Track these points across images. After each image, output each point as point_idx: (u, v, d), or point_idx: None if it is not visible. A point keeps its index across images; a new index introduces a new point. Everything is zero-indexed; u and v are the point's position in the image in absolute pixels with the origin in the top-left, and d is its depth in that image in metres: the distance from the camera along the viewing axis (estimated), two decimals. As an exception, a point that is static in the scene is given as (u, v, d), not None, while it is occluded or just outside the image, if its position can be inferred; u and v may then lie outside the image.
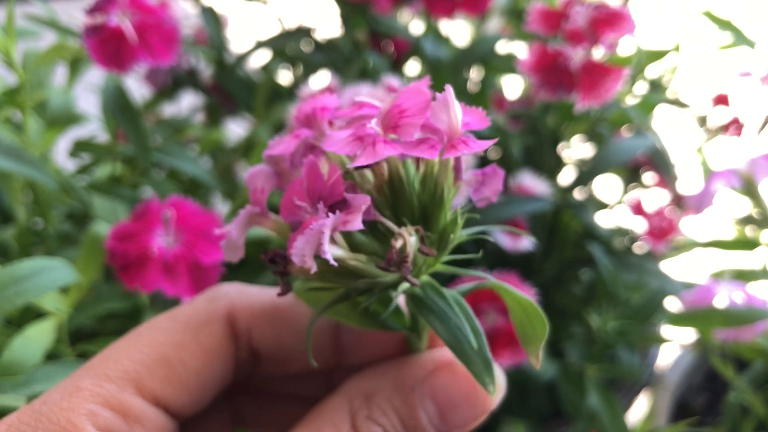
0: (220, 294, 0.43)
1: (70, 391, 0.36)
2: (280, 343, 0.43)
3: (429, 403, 0.39)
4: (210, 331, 0.41)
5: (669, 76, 0.95)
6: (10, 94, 0.66)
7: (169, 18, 0.68)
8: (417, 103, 0.33)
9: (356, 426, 0.38)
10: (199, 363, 0.40)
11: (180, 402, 0.39)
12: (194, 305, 0.43)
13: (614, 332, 0.77)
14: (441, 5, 0.84)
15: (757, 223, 0.85)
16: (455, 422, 0.40)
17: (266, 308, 0.43)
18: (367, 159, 0.31)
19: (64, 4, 0.91)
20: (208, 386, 0.41)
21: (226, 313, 0.42)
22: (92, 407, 0.36)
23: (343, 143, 0.33)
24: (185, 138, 0.98)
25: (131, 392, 0.37)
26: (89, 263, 0.62)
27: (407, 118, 0.33)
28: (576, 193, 0.90)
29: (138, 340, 0.40)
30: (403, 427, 0.39)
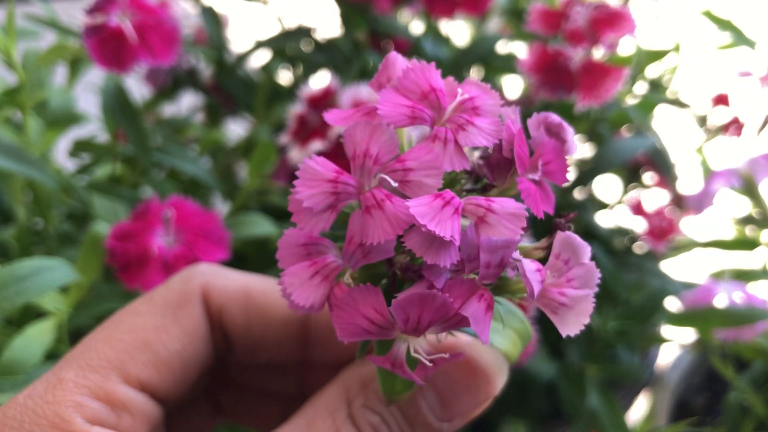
0: (196, 274, 0.43)
1: (54, 383, 0.36)
2: (250, 330, 0.43)
3: (429, 390, 0.38)
4: (188, 312, 0.41)
5: (669, 76, 0.95)
6: (10, 94, 0.66)
7: (169, 18, 0.68)
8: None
9: (352, 415, 0.37)
10: (180, 344, 0.40)
11: (165, 385, 0.39)
12: (169, 286, 0.42)
13: (614, 332, 0.77)
14: (441, 5, 0.84)
15: (757, 223, 0.85)
16: (458, 409, 0.39)
17: (239, 292, 0.43)
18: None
19: (64, 4, 0.91)
20: (191, 367, 0.41)
21: (201, 293, 0.42)
22: (79, 399, 0.35)
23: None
24: (185, 138, 0.98)
25: (116, 380, 0.37)
26: (89, 263, 0.62)
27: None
28: (576, 193, 0.90)
29: (118, 327, 0.40)
30: (402, 415, 0.38)
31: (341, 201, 0.32)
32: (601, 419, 0.75)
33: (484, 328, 0.31)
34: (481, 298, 0.31)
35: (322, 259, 0.33)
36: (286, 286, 0.33)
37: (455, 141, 0.32)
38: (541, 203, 0.33)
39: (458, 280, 0.31)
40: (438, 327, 0.31)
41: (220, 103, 0.99)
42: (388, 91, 0.33)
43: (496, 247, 0.30)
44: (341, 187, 0.31)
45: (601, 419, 0.75)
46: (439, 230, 0.29)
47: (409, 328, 0.31)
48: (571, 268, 0.32)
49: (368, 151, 0.31)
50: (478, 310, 0.30)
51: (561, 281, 0.32)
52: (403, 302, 0.30)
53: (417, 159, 0.31)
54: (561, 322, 0.31)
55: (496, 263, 0.30)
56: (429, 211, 0.29)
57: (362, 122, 0.32)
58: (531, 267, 0.31)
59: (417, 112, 0.33)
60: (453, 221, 0.30)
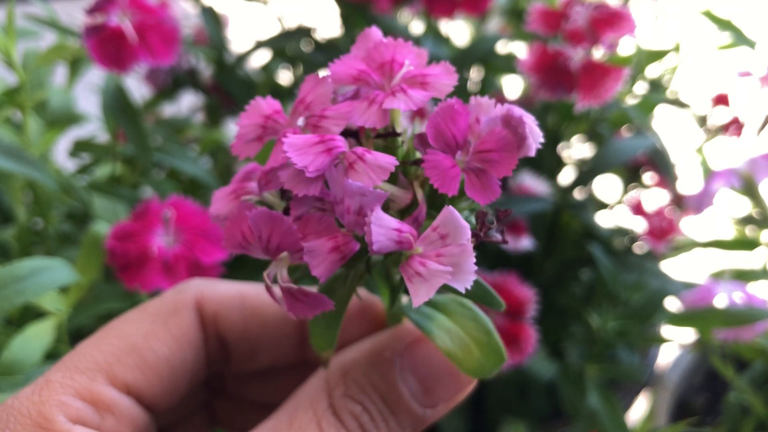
0: (189, 286, 0.44)
1: (41, 385, 0.37)
2: (247, 331, 0.43)
3: (410, 376, 0.37)
4: (178, 320, 0.41)
5: (669, 76, 0.95)
6: (10, 94, 0.66)
7: (169, 18, 0.68)
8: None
9: (333, 404, 0.36)
10: (168, 350, 0.40)
11: (152, 390, 0.39)
12: (163, 297, 0.43)
13: (614, 332, 0.77)
14: (441, 5, 0.84)
15: (757, 223, 0.85)
16: (440, 395, 0.38)
17: (233, 296, 0.43)
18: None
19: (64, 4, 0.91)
20: (180, 375, 0.41)
21: (195, 302, 0.42)
22: (63, 398, 0.36)
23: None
24: (185, 138, 0.98)
25: (102, 382, 0.37)
26: (89, 263, 0.62)
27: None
28: (576, 193, 0.90)
29: (108, 333, 0.40)
30: (384, 403, 0.37)
31: (267, 135, 0.36)
32: (601, 419, 0.75)
33: (319, 264, 0.31)
34: (332, 239, 0.32)
35: (243, 184, 0.38)
36: (212, 198, 0.39)
37: (381, 103, 0.34)
38: (471, 189, 0.33)
39: (316, 216, 0.32)
40: (293, 255, 0.33)
41: (220, 103, 0.99)
42: (351, 56, 0.36)
43: (353, 191, 0.31)
44: (270, 123, 0.36)
45: (601, 419, 0.75)
46: (298, 160, 0.31)
47: (263, 246, 0.33)
48: (447, 245, 0.32)
49: (305, 98, 0.35)
50: (319, 246, 0.31)
51: (430, 254, 0.32)
52: (254, 217, 0.32)
53: (335, 110, 0.34)
54: (413, 291, 0.31)
55: (356, 209, 0.31)
56: (300, 144, 0.32)
57: (312, 76, 0.35)
58: (384, 222, 0.31)
59: (363, 75, 0.35)
60: (318, 157, 0.32)
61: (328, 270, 0.31)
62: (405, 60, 0.36)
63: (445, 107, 0.33)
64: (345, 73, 0.35)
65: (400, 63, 0.36)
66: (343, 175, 0.31)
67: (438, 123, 0.33)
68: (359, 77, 0.35)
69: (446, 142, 0.33)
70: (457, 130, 0.33)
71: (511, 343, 0.72)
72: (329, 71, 0.35)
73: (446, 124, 0.33)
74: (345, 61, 0.36)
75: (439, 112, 0.33)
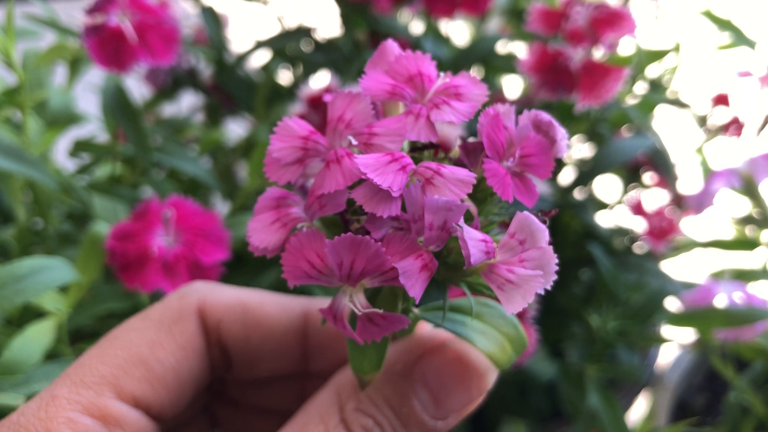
0: (191, 291, 0.43)
1: (46, 400, 0.36)
2: (248, 342, 0.43)
3: (421, 389, 0.38)
4: (183, 328, 0.41)
5: (669, 76, 0.95)
6: (9, 94, 0.66)
7: (169, 18, 0.68)
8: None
9: (345, 419, 0.37)
10: (175, 360, 0.40)
11: (160, 401, 0.39)
12: (165, 303, 0.42)
13: (614, 332, 0.77)
14: (441, 5, 0.84)
15: (756, 223, 0.85)
16: (451, 407, 0.38)
17: (235, 305, 0.43)
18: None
19: (64, 4, 0.91)
20: (186, 384, 0.41)
21: (197, 309, 0.42)
22: (71, 415, 0.35)
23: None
24: (185, 138, 0.98)
25: (109, 396, 0.37)
26: (89, 263, 0.62)
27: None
28: (576, 193, 0.90)
29: (112, 343, 0.39)
30: (395, 416, 0.37)
31: (309, 157, 0.34)
32: (601, 419, 0.75)
33: (415, 284, 0.31)
34: (419, 257, 0.31)
35: (286, 210, 0.36)
36: (250, 230, 0.36)
37: (427, 116, 0.34)
38: (518, 193, 0.33)
39: (399, 236, 0.32)
40: (374, 279, 0.32)
41: (220, 103, 1.00)
42: (376, 71, 0.36)
43: (438, 207, 0.30)
44: (311, 144, 0.34)
45: (601, 419, 0.75)
46: (379, 180, 0.30)
47: (344, 274, 0.31)
48: (526, 249, 0.32)
49: (342, 116, 0.34)
50: (411, 266, 0.31)
51: (513, 260, 0.32)
52: (337, 244, 0.31)
53: (384, 126, 0.33)
54: (506, 299, 0.31)
55: (439, 225, 0.31)
56: (375, 164, 0.31)
57: (344, 92, 0.34)
58: (474, 235, 0.31)
59: (397, 89, 0.35)
60: (396, 175, 0.31)
61: (422, 288, 0.31)
62: (431, 73, 0.36)
63: (493, 118, 0.33)
64: (379, 89, 0.35)
65: (429, 75, 0.35)
66: (422, 192, 0.31)
67: (489, 134, 0.33)
68: (394, 91, 0.35)
69: (497, 150, 0.33)
70: (502, 138, 0.34)
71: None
72: (362, 88, 0.35)
73: (496, 134, 0.33)
74: (374, 76, 0.35)
75: (489, 124, 0.33)
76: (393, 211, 0.31)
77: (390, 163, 0.31)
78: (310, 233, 0.32)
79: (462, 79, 0.36)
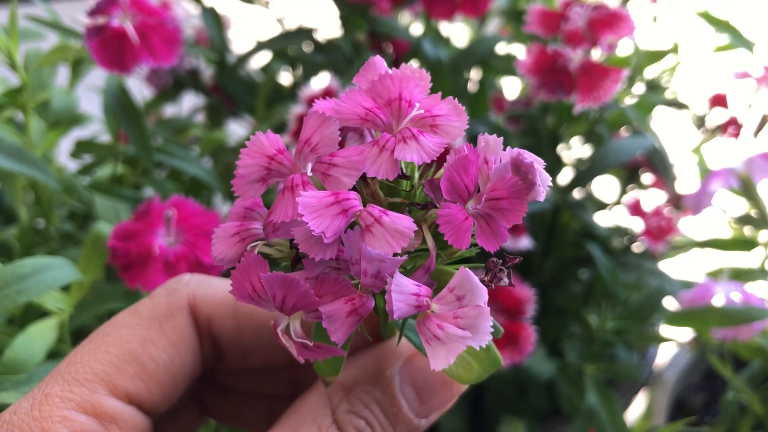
0: (181, 285, 0.43)
1: (39, 399, 0.36)
2: (240, 336, 0.43)
3: (408, 389, 0.39)
4: (175, 324, 0.41)
5: (667, 76, 0.95)
6: (12, 94, 0.67)
7: (170, 19, 0.69)
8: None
9: (338, 420, 0.38)
10: (167, 356, 0.40)
11: (153, 398, 0.39)
12: (155, 298, 0.42)
13: (613, 331, 0.77)
14: (441, 7, 0.84)
15: (754, 223, 0.85)
16: (434, 404, 0.40)
17: (227, 300, 0.43)
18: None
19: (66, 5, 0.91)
20: (179, 379, 0.41)
21: (188, 304, 0.42)
22: (65, 413, 0.35)
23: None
24: (186, 138, 0.99)
25: (103, 393, 0.37)
26: (91, 262, 0.62)
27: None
28: (575, 193, 0.90)
29: (103, 340, 0.39)
30: (384, 416, 0.39)
31: (272, 177, 0.34)
32: (600, 418, 0.75)
33: (338, 329, 0.31)
34: (350, 301, 0.31)
35: (248, 224, 0.36)
36: (214, 237, 0.36)
37: (392, 151, 0.32)
38: (481, 237, 0.32)
39: (332, 278, 0.32)
40: (308, 314, 0.32)
41: (221, 103, 1.00)
42: (357, 91, 0.34)
43: (372, 258, 0.30)
44: (275, 164, 0.34)
45: (600, 418, 0.75)
46: (312, 225, 0.30)
47: (277, 305, 0.32)
48: (463, 306, 0.31)
49: (310, 139, 0.33)
50: (337, 311, 0.31)
51: (447, 315, 0.31)
52: (269, 279, 0.31)
53: (345, 157, 0.32)
54: (431, 354, 0.31)
55: (373, 273, 0.31)
56: (314, 205, 0.31)
57: (317, 113, 0.33)
58: (404, 287, 0.30)
59: (371, 115, 0.34)
60: (334, 220, 0.30)
61: (346, 334, 0.31)
62: (412, 97, 0.34)
63: (460, 160, 0.32)
64: (352, 112, 0.34)
65: (408, 101, 0.34)
66: (360, 238, 0.31)
67: (452, 176, 0.32)
68: (367, 117, 0.34)
69: (459, 193, 0.33)
70: (469, 180, 0.33)
71: (510, 343, 0.73)
72: (336, 109, 0.34)
73: (460, 176, 0.32)
74: (351, 97, 0.34)
75: (454, 165, 0.32)
76: (327, 256, 0.31)
77: (331, 205, 0.31)
78: (256, 258, 0.32)
79: (444, 107, 0.34)
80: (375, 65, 0.37)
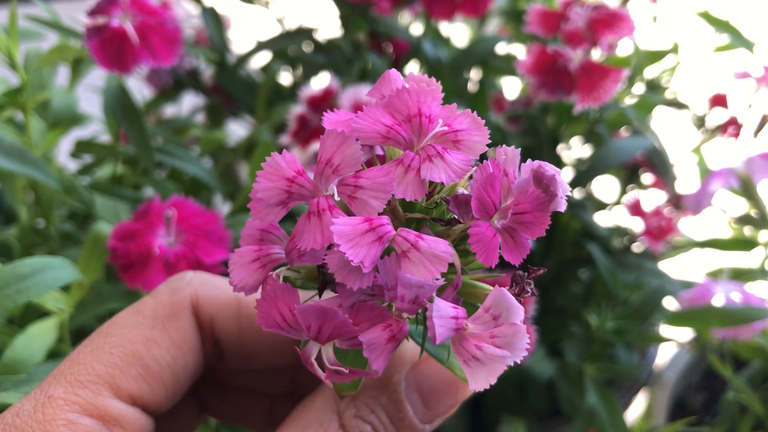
0: (183, 284, 0.43)
1: (42, 401, 0.35)
2: (242, 338, 0.43)
3: (414, 395, 0.40)
4: (178, 324, 0.41)
5: (667, 76, 0.95)
6: (12, 94, 0.67)
7: (170, 19, 0.69)
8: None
9: (344, 425, 0.38)
10: (171, 357, 0.40)
11: (157, 399, 0.39)
12: (157, 297, 0.42)
13: (613, 331, 0.77)
14: (441, 7, 0.84)
15: (754, 223, 0.85)
16: (439, 410, 0.40)
17: (230, 301, 0.43)
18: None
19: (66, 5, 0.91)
20: (182, 379, 0.41)
21: (191, 304, 0.42)
22: (70, 416, 0.35)
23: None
24: (186, 138, 0.99)
25: (107, 395, 0.37)
26: (91, 262, 0.62)
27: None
28: (575, 193, 0.91)
29: (106, 340, 0.39)
30: (390, 421, 0.39)
31: (293, 200, 0.33)
32: (600, 418, 0.75)
33: (378, 357, 0.30)
34: (387, 327, 0.31)
35: (267, 248, 0.35)
36: (231, 263, 0.35)
37: (418, 170, 0.32)
38: (508, 253, 0.32)
39: (369, 305, 0.31)
40: (342, 342, 0.31)
41: (221, 103, 1.00)
42: (375, 107, 0.34)
43: (411, 284, 0.30)
44: (296, 187, 0.32)
45: (600, 418, 0.75)
46: (350, 254, 0.29)
47: (312, 335, 0.31)
48: (500, 325, 0.32)
49: (331, 159, 0.32)
50: (377, 339, 0.30)
51: (484, 335, 0.31)
52: (305, 311, 0.30)
53: (371, 179, 0.31)
54: (470, 375, 0.31)
55: (410, 299, 0.30)
56: (350, 233, 0.30)
57: (336, 131, 0.32)
58: (444, 312, 0.30)
59: (392, 133, 0.33)
60: (371, 248, 0.30)
61: (386, 360, 0.31)
62: (431, 112, 0.34)
63: (487, 178, 0.32)
64: (373, 130, 0.33)
65: (428, 116, 0.33)
66: (397, 264, 0.30)
67: (481, 194, 0.32)
68: (388, 135, 0.33)
69: (487, 210, 0.32)
70: (495, 196, 0.32)
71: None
72: (356, 128, 0.33)
73: (488, 193, 0.32)
74: (370, 114, 0.33)
75: (482, 183, 0.32)
76: (363, 285, 0.30)
77: (366, 233, 0.30)
78: (285, 288, 0.32)
79: (464, 122, 0.34)
80: (390, 79, 0.36)
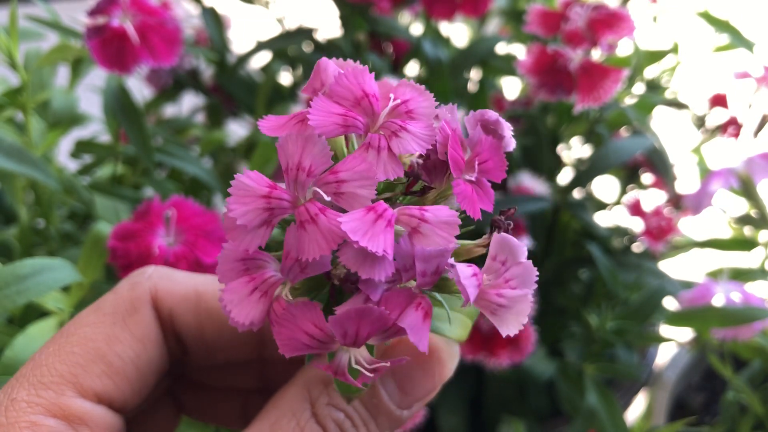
0: (143, 278, 0.42)
1: (6, 404, 0.35)
2: (203, 332, 0.43)
3: (388, 380, 0.39)
4: (138, 319, 0.40)
5: (667, 76, 0.95)
6: (12, 94, 0.67)
7: (170, 19, 0.69)
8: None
9: (316, 413, 0.37)
10: (133, 353, 0.39)
11: (122, 395, 0.39)
12: (117, 293, 0.42)
13: (613, 331, 0.77)
14: (441, 7, 0.84)
15: (754, 223, 0.85)
16: (416, 395, 0.40)
17: (189, 294, 0.42)
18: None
19: (66, 5, 0.91)
20: (147, 374, 0.40)
21: (150, 298, 0.42)
22: (33, 418, 0.34)
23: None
24: (186, 138, 0.99)
25: (70, 395, 0.36)
26: (91, 263, 0.62)
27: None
28: (575, 193, 0.91)
29: (68, 340, 0.39)
30: (365, 408, 0.38)
31: (276, 216, 0.31)
32: (600, 418, 0.75)
33: (422, 336, 0.31)
34: (418, 306, 0.31)
35: (261, 274, 0.33)
36: (226, 303, 0.33)
37: (389, 148, 0.31)
38: (479, 202, 0.33)
39: (394, 291, 0.31)
40: (377, 337, 0.31)
41: (221, 103, 1.00)
42: (321, 99, 0.33)
43: (431, 256, 0.30)
44: (275, 202, 0.31)
45: (600, 418, 0.75)
46: (371, 246, 0.29)
47: (349, 341, 0.31)
48: (509, 268, 0.32)
49: (301, 163, 0.31)
50: (415, 320, 0.31)
51: (499, 282, 0.32)
52: (341, 318, 0.30)
53: (350, 170, 0.31)
54: (500, 323, 0.31)
55: (432, 271, 0.30)
56: (361, 226, 0.29)
57: (294, 134, 0.31)
58: (466, 273, 0.31)
59: (349, 120, 0.32)
60: (386, 235, 0.29)
61: (427, 337, 0.31)
62: (374, 91, 0.33)
63: (452, 137, 0.32)
64: (330, 123, 0.32)
65: (374, 95, 0.33)
66: (410, 243, 0.30)
67: (452, 154, 0.32)
68: (346, 123, 0.32)
69: (460, 167, 0.33)
70: (462, 152, 0.33)
71: (510, 343, 0.73)
72: (313, 124, 0.31)
73: (456, 151, 0.32)
74: (319, 107, 0.32)
75: (451, 143, 0.32)
76: (388, 272, 0.30)
77: (376, 221, 0.29)
78: (304, 305, 0.31)
79: (407, 92, 0.34)
80: (326, 68, 0.35)
